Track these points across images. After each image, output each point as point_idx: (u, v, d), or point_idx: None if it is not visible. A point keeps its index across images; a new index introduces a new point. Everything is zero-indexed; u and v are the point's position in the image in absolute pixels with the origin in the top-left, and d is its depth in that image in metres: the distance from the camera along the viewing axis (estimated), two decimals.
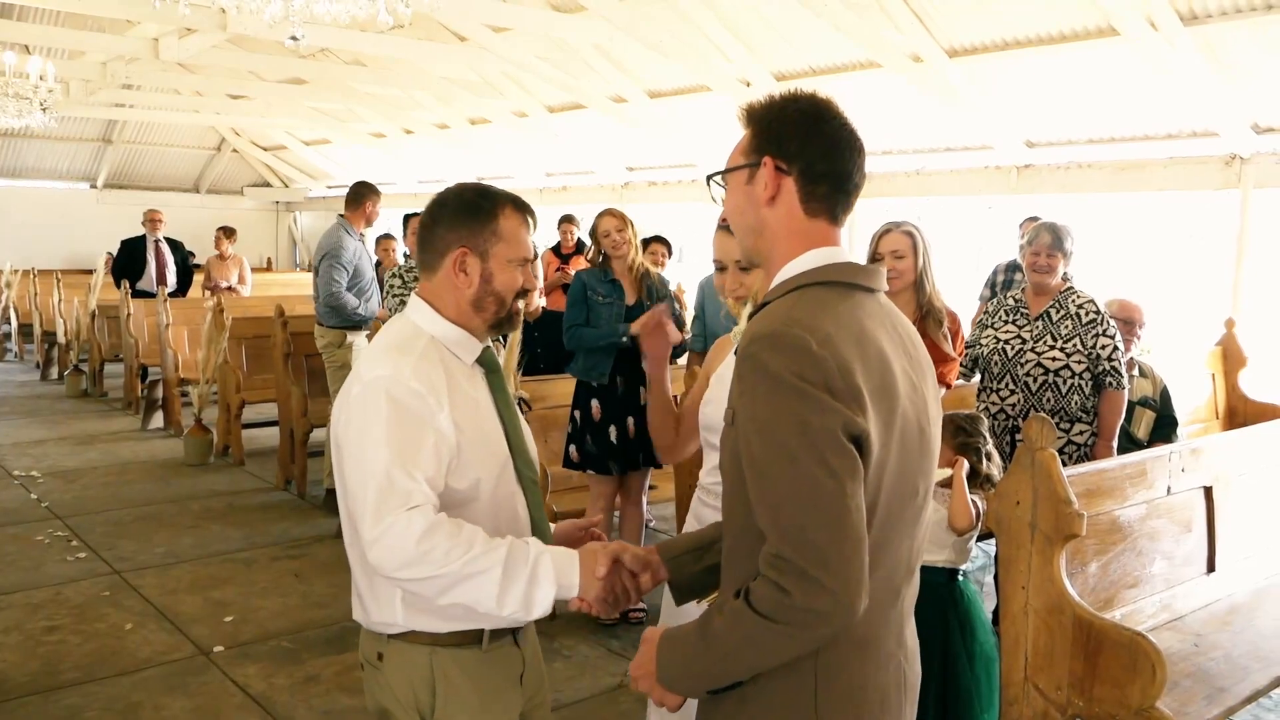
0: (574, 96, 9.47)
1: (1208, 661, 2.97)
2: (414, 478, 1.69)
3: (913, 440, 1.44)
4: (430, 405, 1.74)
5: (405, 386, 1.73)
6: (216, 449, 7.45)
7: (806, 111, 1.48)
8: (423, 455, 1.72)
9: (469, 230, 1.84)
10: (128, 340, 9.16)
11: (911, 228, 3.58)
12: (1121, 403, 3.97)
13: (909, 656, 1.53)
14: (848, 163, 1.48)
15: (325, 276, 5.98)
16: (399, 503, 1.67)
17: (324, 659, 4.12)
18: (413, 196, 14.53)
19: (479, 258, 1.84)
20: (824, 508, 1.29)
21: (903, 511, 1.44)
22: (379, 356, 1.81)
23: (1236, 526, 3.52)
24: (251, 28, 7.26)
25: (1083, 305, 3.95)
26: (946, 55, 6.71)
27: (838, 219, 1.51)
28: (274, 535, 5.72)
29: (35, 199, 15.72)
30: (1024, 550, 2.67)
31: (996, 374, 4.01)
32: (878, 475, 1.38)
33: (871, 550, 1.35)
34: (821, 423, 1.31)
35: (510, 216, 1.86)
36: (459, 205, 1.86)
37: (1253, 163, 6.10)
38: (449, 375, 1.81)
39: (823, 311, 1.40)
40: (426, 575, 1.65)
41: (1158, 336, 6.44)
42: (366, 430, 1.72)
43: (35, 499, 6.30)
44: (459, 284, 1.85)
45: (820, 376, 1.32)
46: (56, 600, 4.68)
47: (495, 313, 1.88)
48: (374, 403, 1.73)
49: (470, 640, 1.84)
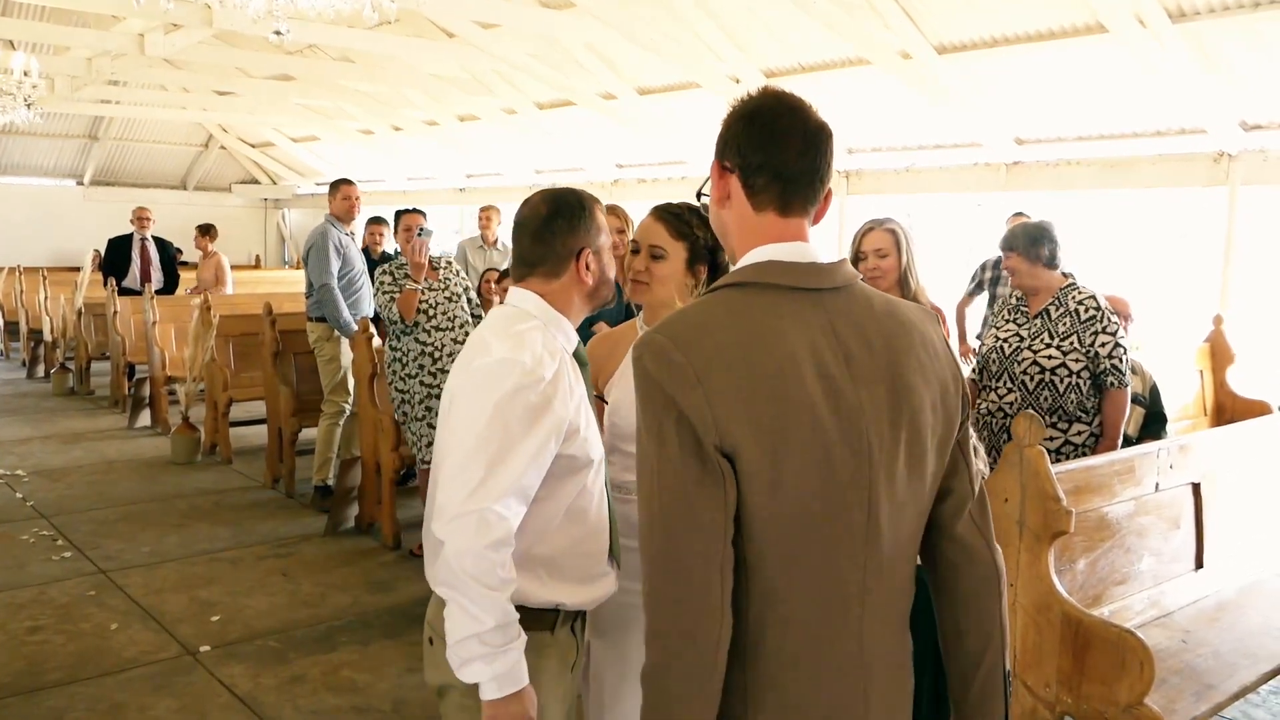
0: (564, 93, 9.45)
1: (1196, 658, 2.98)
2: (513, 475, 1.82)
3: (837, 454, 1.36)
4: (549, 391, 1.87)
5: (528, 369, 1.86)
6: (204, 447, 7.41)
7: (745, 109, 1.47)
8: (528, 451, 1.83)
9: (585, 231, 2.04)
10: (114, 338, 9.11)
11: (894, 225, 3.57)
12: (1124, 402, 3.84)
13: (880, 679, 1.45)
14: (785, 150, 1.43)
15: (316, 268, 5.98)
16: (496, 497, 1.79)
17: (311, 659, 4.10)
18: (402, 194, 14.47)
19: (594, 254, 2.05)
20: (668, 521, 1.32)
21: (829, 528, 1.37)
22: (499, 341, 1.92)
23: (1224, 523, 3.53)
24: (236, 23, 7.21)
25: (1082, 302, 3.87)
26: (936, 52, 6.70)
27: (789, 210, 1.46)
28: (261, 534, 5.69)
29: (21, 196, 15.60)
30: (1012, 547, 2.67)
31: (994, 372, 3.95)
32: (765, 489, 1.33)
33: (783, 566, 1.35)
34: (670, 433, 1.32)
35: (599, 210, 2.09)
36: (570, 211, 2.05)
37: (1240, 160, 6.12)
38: (564, 362, 1.97)
39: (713, 317, 1.37)
40: (463, 572, 1.77)
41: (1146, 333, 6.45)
42: (488, 412, 1.84)
43: (20, 498, 6.26)
44: (584, 279, 2.04)
45: (675, 385, 1.32)
46: (41, 600, 4.64)
47: (604, 295, 2.09)
48: (500, 384, 1.85)
49: (545, 624, 1.96)
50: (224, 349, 7.47)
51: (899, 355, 1.44)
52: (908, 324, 1.48)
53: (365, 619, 4.52)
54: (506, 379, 1.85)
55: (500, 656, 1.80)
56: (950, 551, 1.55)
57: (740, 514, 1.34)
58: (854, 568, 1.40)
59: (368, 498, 5.69)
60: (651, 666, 1.36)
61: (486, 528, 1.78)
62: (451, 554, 1.78)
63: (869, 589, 1.42)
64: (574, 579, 1.99)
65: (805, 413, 1.34)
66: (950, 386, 1.50)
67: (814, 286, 1.42)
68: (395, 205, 15.74)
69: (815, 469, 1.34)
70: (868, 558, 1.41)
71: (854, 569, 1.40)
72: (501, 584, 1.79)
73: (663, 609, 1.35)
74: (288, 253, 17.78)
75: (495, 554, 1.78)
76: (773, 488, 1.33)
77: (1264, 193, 6.36)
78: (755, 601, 1.37)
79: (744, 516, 1.34)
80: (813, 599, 1.39)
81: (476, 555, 1.77)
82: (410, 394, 5.01)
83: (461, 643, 1.80)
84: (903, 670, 1.51)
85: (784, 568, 1.36)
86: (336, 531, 5.71)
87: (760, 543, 1.36)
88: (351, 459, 5.83)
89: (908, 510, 1.45)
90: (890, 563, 1.44)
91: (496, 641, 1.79)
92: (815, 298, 1.41)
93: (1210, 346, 5.35)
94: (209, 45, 9.31)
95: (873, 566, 1.42)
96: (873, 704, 1.44)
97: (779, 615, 1.38)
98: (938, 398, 1.47)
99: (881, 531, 1.41)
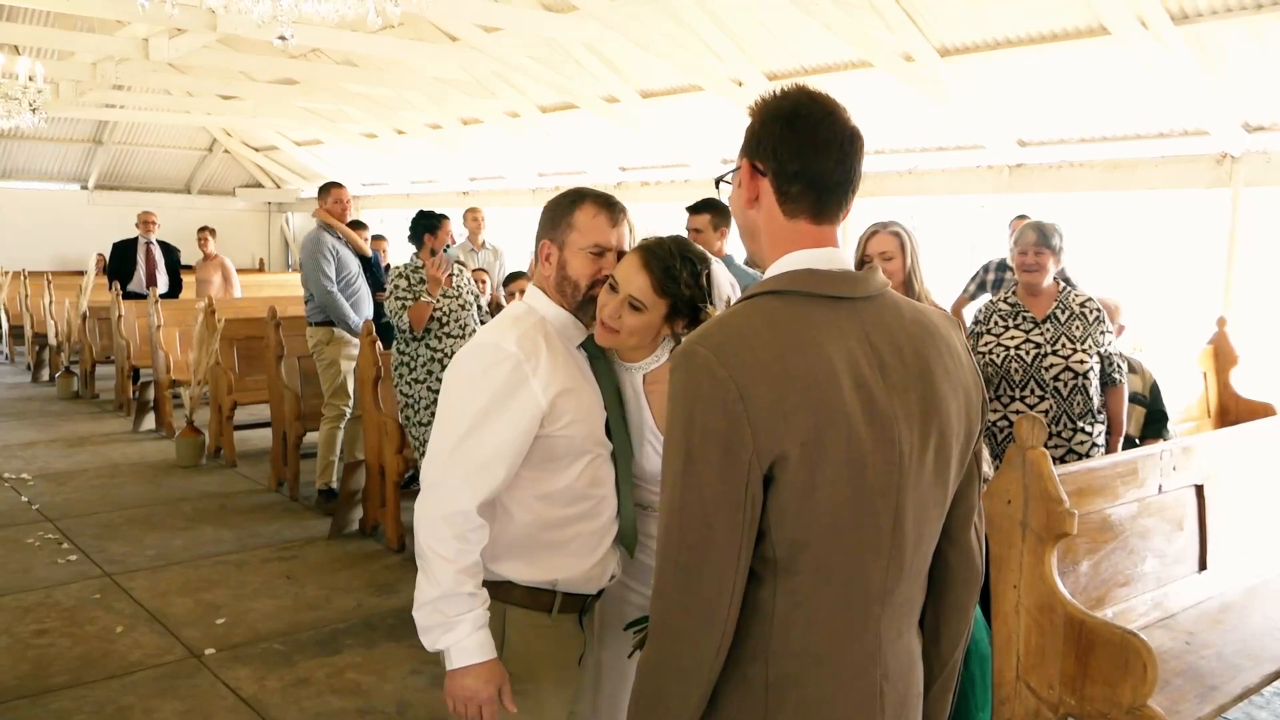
0: (566, 96, 9.46)
1: (1199, 660, 2.97)
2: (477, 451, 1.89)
3: (870, 462, 1.37)
4: (524, 371, 1.92)
5: (505, 351, 1.93)
6: (208, 450, 7.43)
7: (782, 110, 1.44)
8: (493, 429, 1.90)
9: (551, 224, 2.07)
10: (119, 342, 9.13)
11: (899, 228, 3.57)
12: (1125, 397, 4.02)
13: (894, 676, 1.47)
14: (824, 160, 1.42)
15: (313, 276, 6.00)
16: (460, 474, 1.88)
17: (316, 661, 4.11)
18: (405, 197, 14.50)
19: (558, 247, 2.06)
20: (684, 533, 1.36)
21: (858, 532, 1.39)
22: (490, 327, 2.06)
23: (1228, 525, 3.53)
24: (240, 28, 7.23)
25: (1085, 304, 3.92)
26: (938, 55, 6.71)
27: (821, 218, 1.45)
28: (266, 537, 5.70)
29: (26, 200, 15.63)
30: (1015, 549, 2.67)
31: (1019, 381, 3.88)
32: (799, 495, 1.35)
33: (812, 569, 1.37)
34: (699, 450, 1.34)
35: (586, 209, 2.06)
36: (550, 206, 2.10)
37: (1243, 161, 6.11)
38: (552, 349, 1.99)
39: (753, 327, 1.37)
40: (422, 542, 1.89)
41: (1150, 335, 6.45)
42: (463, 391, 1.95)
43: (26, 501, 6.27)
44: (545, 272, 2.08)
45: (717, 399, 1.33)
46: (47, 603, 4.66)
47: (574, 296, 2.06)
48: (476, 365, 1.96)
49: (541, 605, 2.01)
50: (228, 352, 7.49)
51: (929, 363, 1.45)
52: (934, 332, 1.49)
53: (370, 622, 4.53)
54: (478, 360, 1.96)
55: (455, 626, 1.86)
56: (952, 557, 1.58)
57: (773, 518, 1.36)
58: (878, 570, 1.42)
59: (372, 501, 5.70)
60: (649, 661, 1.41)
61: (443, 499, 1.88)
62: (416, 524, 1.91)
63: (890, 590, 1.44)
64: (565, 555, 2.02)
65: (841, 422, 1.35)
66: (973, 394, 1.52)
67: (849, 295, 1.42)
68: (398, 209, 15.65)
69: (848, 476, 1.36)
70: (891, 561, 1.43)
71: (878, 571, 1.42)
72: (457, 554, 1.86)
73: (669, 611, 1.39)
74: (291, 256, 17.80)
75: (449, 526, 1.86)
76: (806, 494, 1.35)
77: (1267, 194, 6.35)
78: (782, 600, 1.40)
79: (777, 520, 1.36)
80: (838, 600, 1.41)
81: (430, 525, 1.88)
82: (416, 398, 5.02)
83: (420, 609, 1.90)
84: (914, 671, 1.54)
85: (812, 570, 1.39)
86: (341, 534, 5.72)
87: (791, 546, 1.38)
88: (355, 462, 5.84)
89: (930, 516, 1.48)
90: (910, 566, 1.46)
91: (450, 611, 1.87)
92: (850, 306, 1.42)
93: (1214, 348, 5.35)
94: (212, 49, 9.33)
95: (894, 570, 1.44)
96: (887, 701, 1.46)
97: (805, 615, 1.40)
98: (962, 405, 1.49)
99: (906, 536, 1.43)
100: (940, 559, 1.57)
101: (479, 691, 1.88)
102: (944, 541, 1.56)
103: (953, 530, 1.56)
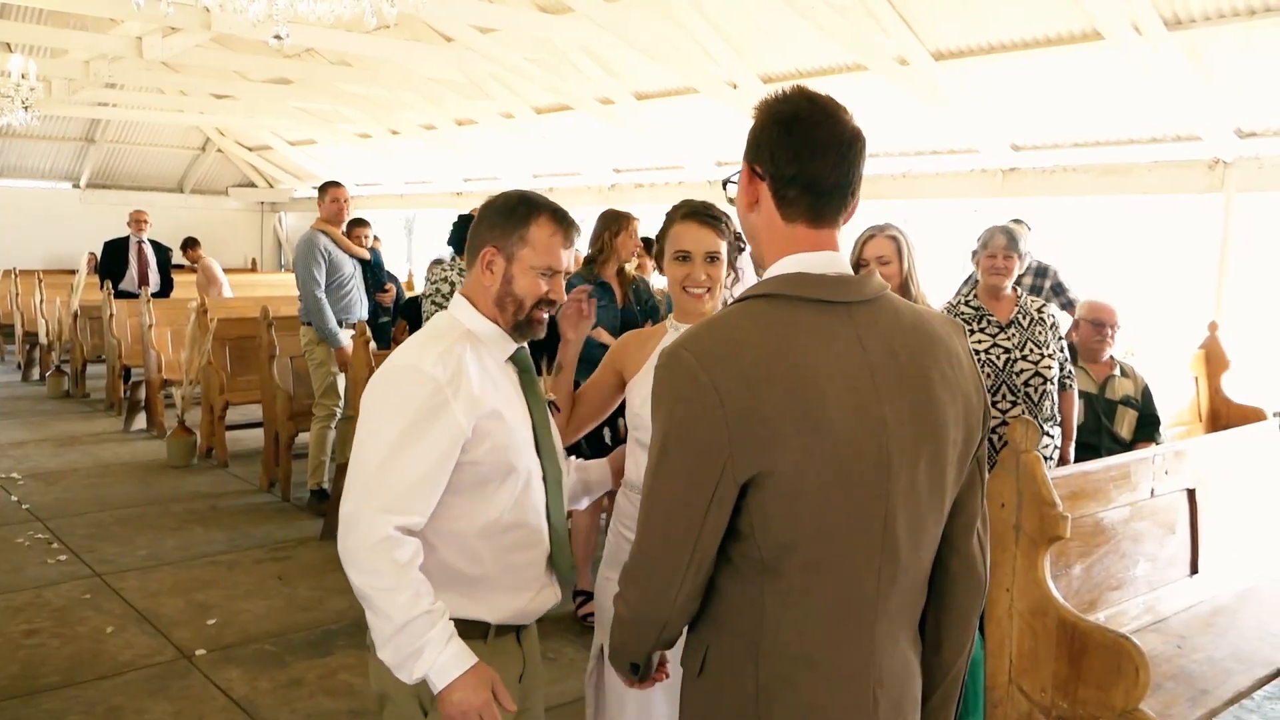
0: (561, 98, 9.46)
1: (1191, 663, 2.98)
2: (403, 483, 1.81)
3: (857, 466, 1.37)
4: (445, 395, 1.82)
5: (424, 374, 1.82)
6: (200, 450, 7.40)
7: (780, 114, 1.44)
8: (420, 455, 1.81)
9: (501, 232, 1.93)
10: (110, 341, 9.09)
11: (895, 231, 3.57)
12: (1075, 401, 4.11)
13: (889, 683, 1.46)
14: (820, 163, 1.41)
15: (302, 277, 5.98)
16: (381, 503, 1.80)
17: (307, 662, 4.10)
18: (399, 197, 14.49)
19: (505, 259, 1.93)
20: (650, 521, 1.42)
21: (847, 536, 1.39)
22: (410, 344, 1.93)
23: (1219, 529, 3.54)
24: (235, 27, 7.21)
25: (1041, 310, 3.96)
26: (932, 58, 6.72)
27: (820, 221, 1.45)
28: (258, 538, 5.68)
29: (17, 198, 15.56)
30: (1008, 553, 2.68)
31: (991, 387, 3.86)
32: (785, 498, 1.35)
33: (801, 571, 1.38)
34: (674, 450, 1.38)
35: (543, 226, 1.93)
36: (499, 207, 1.96)
37: (1236, 167, 6.13)
38: (480, 367, 1.89)
39: (740, 331, 1.38)
40: (359, 581, 1.82)
41: (1142, 339, 6.47)
42: (380, 416, 1.84)
43: (15, 501, 6.24)
44: (485, 281, 1.94)
45: (697, 403, 1.35)
46: (36, 603, 4.63)
47: (514, 315, 1.95)
48: (394, 389, 1.85)
49: (476, 633, 1.92)
50: (220, 352, 7.46)
51: (924, 369, 1.44)
52: (934, 337, 1.48)
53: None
54: (395, 383, 1.85)
55: (424, 650, 1.80)
56: (954, 565, 1.57)
57: (756, 520, 1.37)
58: (870, 575, 1.42)
59: None
60: (615, 613, 1.55)
61: (364, 532, 1.80)
62: (344, 561, 1.83)
63: (884, 595, 1.44)
64: (500, 590, 1.95)
65: (827, 428, 1.35)
66: (973, 400, 1.51)
67: (843, 299, 1.42)
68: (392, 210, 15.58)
69: (836, 481, 1.36)
70: (883, 566, 1.42)
71: (870, 576, 1.42)
72: (396, 580, 1.78)
73: (632, 582, 1.49)
74: (284, 256, 17.76)
75: (377, 556, 1.79)
76: (790, 498, 1.35)
77: (1259, 199, 6.38)
78: (772, 601, 1.40)
79: (761, 523, 1.37)
80: (830, 603, 1.41)
81: (358, 561, 1.81)
82: None
83: (383, 649, 1.82)
84: (910, 678, 1.53)
85: (802, 572, 1.39)
86: (333, 535, 5.67)
87: (777, 548, 1.38)
88: (347, 463, 5.81)
89: (926, 522, 1.47)
90: (905, 572, 1.46)
91: (413, 640, 1.79)
92: (844, 311, 1.42)
93: (1205, 353, 5.36)
94: (206, 48, 9.31)
95: (888, 575, 1.43)
96: (881, 707, 1.46)
97: (796, 617, 1.40)
98: (960, 412, 1.48)
99: (898, 542, 1.43)
100: (941, 567, 1.56)
101: (471, 702, 1.81)
102: (945, 549, 1.55)
103: (954, 538, 1.55)
